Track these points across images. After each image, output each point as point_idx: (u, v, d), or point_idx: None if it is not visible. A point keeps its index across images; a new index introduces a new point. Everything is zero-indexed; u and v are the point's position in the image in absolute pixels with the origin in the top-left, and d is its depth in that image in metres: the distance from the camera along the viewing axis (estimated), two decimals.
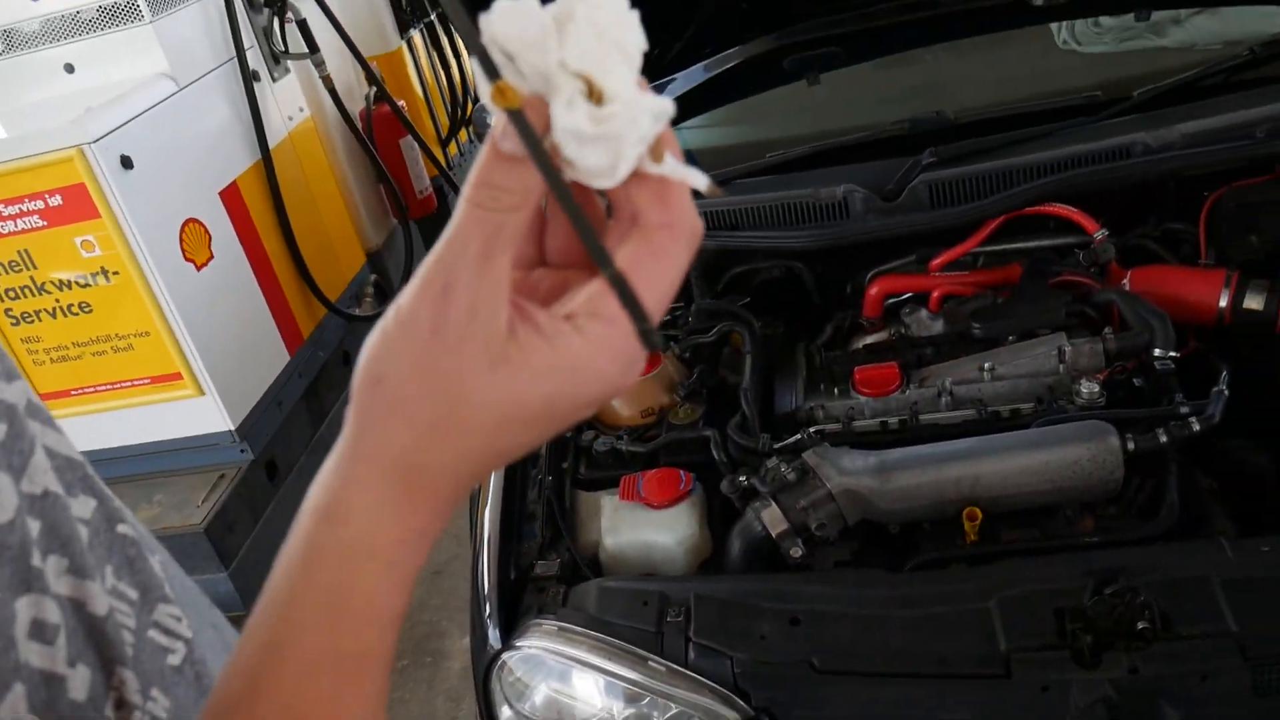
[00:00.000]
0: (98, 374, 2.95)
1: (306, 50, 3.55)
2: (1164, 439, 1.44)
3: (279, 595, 0.48)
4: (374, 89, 3.98)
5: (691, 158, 2.36)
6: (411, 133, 4.06)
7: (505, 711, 1.45)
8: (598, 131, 0.43)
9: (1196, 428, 1.43)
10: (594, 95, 0.44)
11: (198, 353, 2.89)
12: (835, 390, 1.76)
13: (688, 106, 2.03)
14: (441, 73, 4.85)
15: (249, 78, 3.25)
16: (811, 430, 1.64)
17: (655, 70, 1.98)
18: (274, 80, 3.46)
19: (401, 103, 4.11)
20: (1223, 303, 1.62)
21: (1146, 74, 1.93)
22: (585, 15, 0.42)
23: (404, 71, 4.49)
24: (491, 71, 0.43)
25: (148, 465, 3.11)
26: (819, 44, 1.91)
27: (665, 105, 0.44)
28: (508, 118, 0.43)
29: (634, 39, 0.44)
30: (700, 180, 0.47)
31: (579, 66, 0.43)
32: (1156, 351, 1.56)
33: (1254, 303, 1.60)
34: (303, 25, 3.51)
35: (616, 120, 0.43)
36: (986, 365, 1.67)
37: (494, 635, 1.49)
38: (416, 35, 4.68)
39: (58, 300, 2.84)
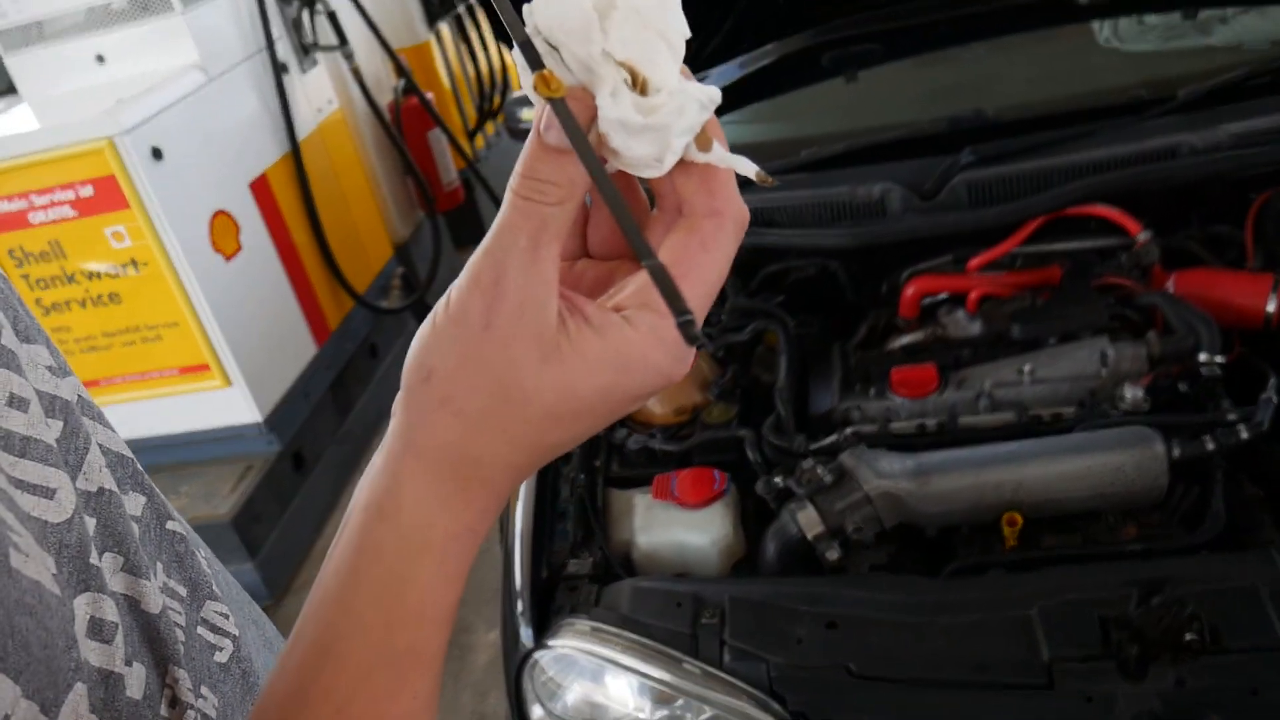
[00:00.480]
0: (127, 364, 2.96)
1: (336, 42, 3.55)
2: (1210, 446, 1.41)
3: (329, 594, 0.47)
4: (402, 81, 3.97)
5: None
6: (439, 125, 4.05)
7: (537, 710, 1.44)
8: (644, 121, 0.42)
9: (1245, 435, 1.41)
10: (638, 85, 0.43)
11: (226, 344, 2.90)
12: (871, 391, 1.73)
13: (723, 103, 2.01)
14: (469, 65, 4.84)
15: (279, 69, 3.26)
16: (848, 431, 1.62)
17: (691, 65, 1.96)
18: (303, 72, 3.45)
19: (429, 95, 4.11)
20: (1270, 308, 1.59)
21: (1192, 73, 1.90)
22: (627, 4, 0.42)
23: (432, 64, 4.48)
24: (534, 61, 0.42)
25: (175, 455, 3.12)
26: (857, 41, 1.88)
27: (713, 93, 0.44)
28: (550, 107, 0.42)
29: (677, 27, 0.43)
30: (749, 167, 0.46)
31: (623, 55, 0.42)
32: (1202, 356, 1.54)
33: None
34: (332, 17, 3.51)
35: (663, 110, 0.43)
36: (1026, 368, 1.65)
37: (526, 633, 1.48)
38: (444, 27, 4.67)
39: (87, 290, 2.85)
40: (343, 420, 3.51)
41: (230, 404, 3.00)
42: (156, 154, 2.70)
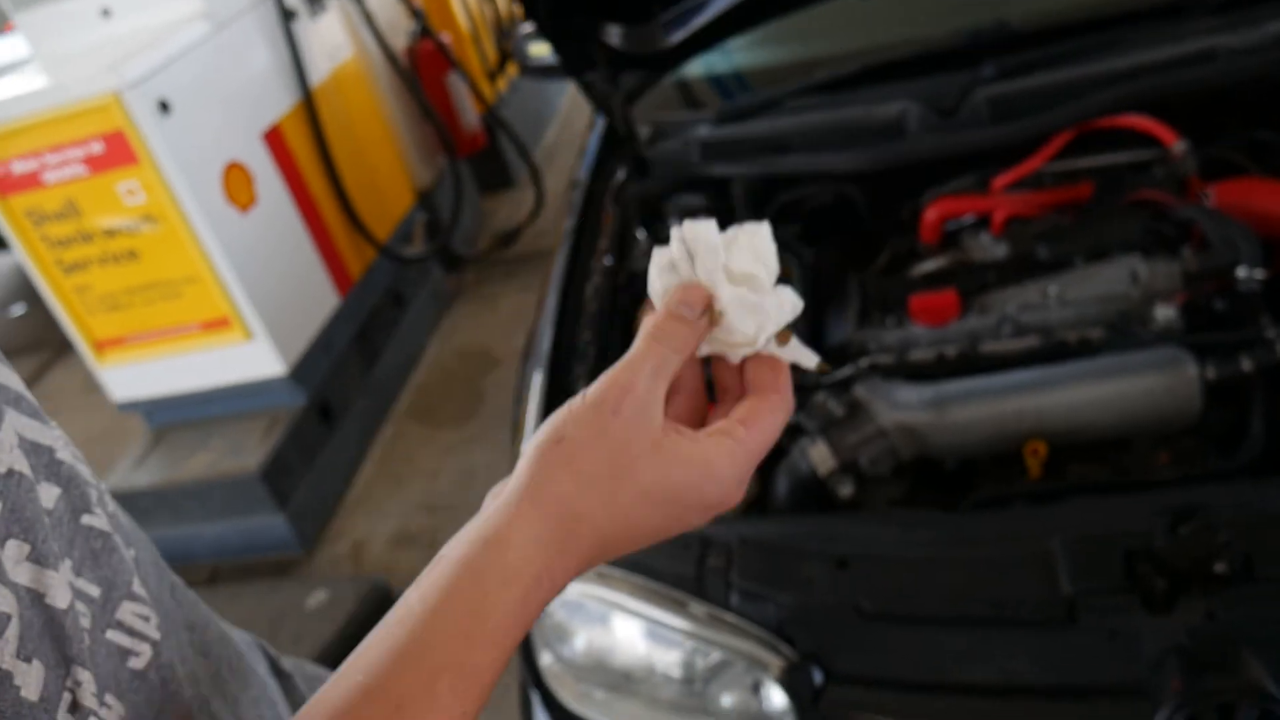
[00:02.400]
0: (149, 320, 2.96)
1: None
2: (1247, 366, 1.33)
3: (411, 613, 0.52)
4: (417, 24, 3.89)
5: (742, 81, 2.25)
6: (456, 69, 3.97)
7: (546, 656, 1.41)
8: (756, 300, 0.58)
9: None
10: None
11: (246, 297, 2.88)
12: (889, 320, 1.66)
13: (732, 22, 1.91)
14: (487, 5, 4.74)
15: (286, 16, 3.19)
16: (863, 362, 1.55)
17: None
18: (313, 18, 3.38)
19: (446, 37, 4.02)
20: None
21: None
22: (745, 240, 0.59)
23: (449, 5, 4.39)
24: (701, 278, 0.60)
25: (204, 410, 3.13)
26: None
27: (797, 303, 0.60)
28: (685, 292, 0.59)
29: (774, 259, 0.60)
30: (812, 359, 0.61)
31: (739, 268, 0.59)
32: (1241, 272, 1.44)
33: None
34: None
35: (768, 300, 0.59)
36: (1053, 290, 1.56)
37: None
38: None
39: (105, 248, 2.84)
40: (368, 370, 3.49)
41: (254, 357, 2.99)
42: (164, 107, 2.66)
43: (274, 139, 3.12)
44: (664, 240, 0.70)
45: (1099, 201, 1.70)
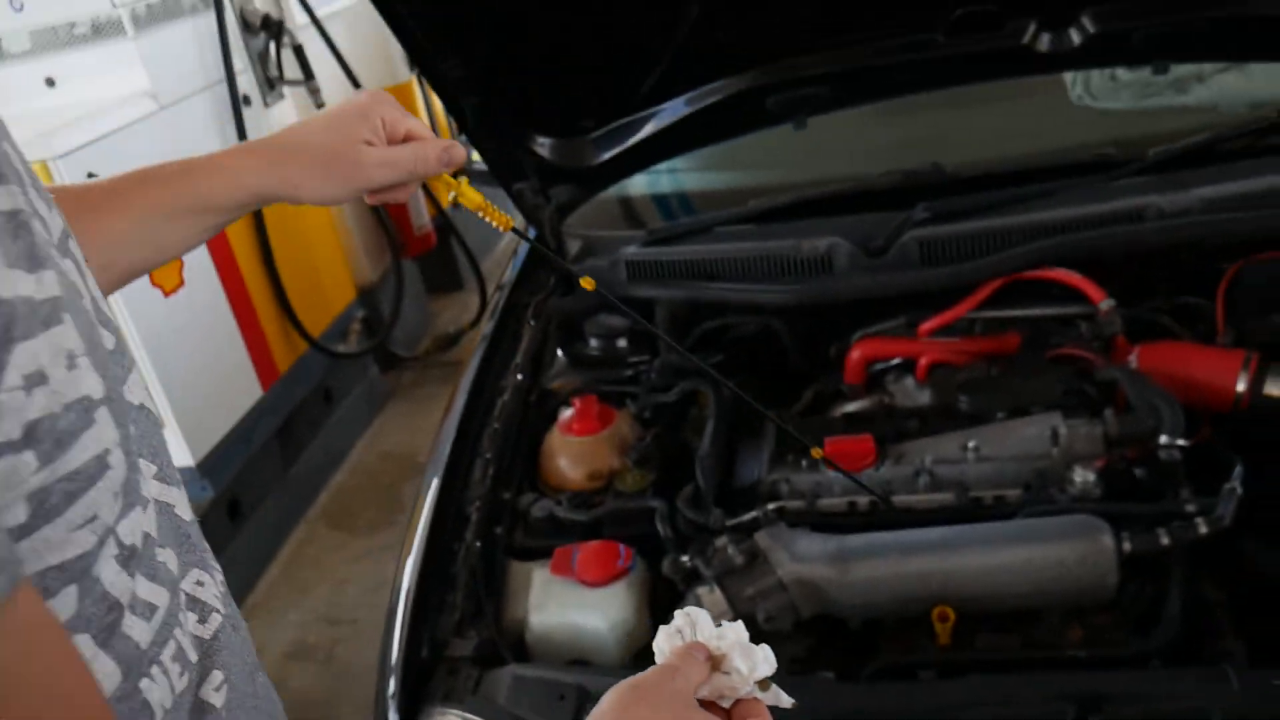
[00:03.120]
0: None
1: (302, 77, 3.46)
2: (1165, 541, 1.26)
3: None
4: None
5: (686, 202, 2.22)
6: None
7: None
8: (750, 647, 0.75)
9: (1203, 529, 1.25)
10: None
11: (158, 381, 2.75)
12: (804, 463, 1.58)
13: (669, 143, 1.89)
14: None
15: (238, 101, 3.15)
16: (770, 507, 1.47)
17: (633, 103, 1.84)
18: (267, 106, 3.36)
19: None
20: (1240, 387, 1.44)
21: (1165, 133, 1.77)
22: (729, 625, 0.76)
23: (413, 105, 4.38)
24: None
25: None
26: (805, 83, 1.76)
27: (772, 661, 0.75)
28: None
29: (746, 636, 0.76)
30: (787, 702, 0.77)
31: (730, 638, 0.75)
32: (1162, 439, 1.38)
33: (1276, 389, 1.42)
34: (299, 51, 3.42)
35: (757, 651, 0.75)
36: (971, 444, 1.50)
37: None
38: None
39: None
40: (288, 468, 3.35)
41: None
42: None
43: None
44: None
45: (1024, 354, 1.65)
